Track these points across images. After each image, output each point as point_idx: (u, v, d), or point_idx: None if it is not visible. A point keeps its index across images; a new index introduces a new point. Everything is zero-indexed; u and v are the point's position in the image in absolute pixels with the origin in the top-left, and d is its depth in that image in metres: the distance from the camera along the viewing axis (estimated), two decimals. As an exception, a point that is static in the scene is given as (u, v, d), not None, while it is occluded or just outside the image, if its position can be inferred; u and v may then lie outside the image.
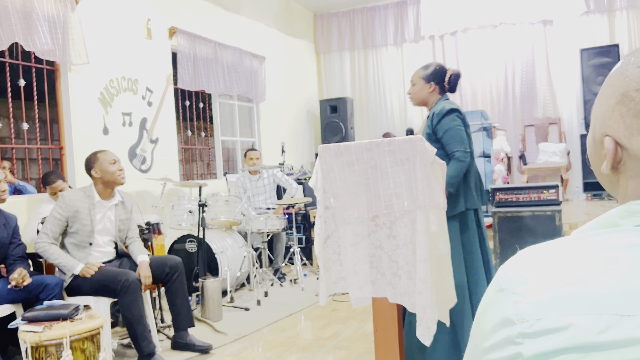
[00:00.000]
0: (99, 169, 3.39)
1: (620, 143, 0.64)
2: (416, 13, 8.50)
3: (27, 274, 2.99)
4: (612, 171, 0.66)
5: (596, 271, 0.55)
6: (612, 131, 0.64)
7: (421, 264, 1.97)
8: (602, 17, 7.48)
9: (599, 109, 0.68)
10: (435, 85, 2.95)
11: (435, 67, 2.98)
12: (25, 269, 3.05)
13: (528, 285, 0.56)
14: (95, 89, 4.89)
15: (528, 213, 4.87)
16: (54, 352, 2.54)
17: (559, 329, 0.52)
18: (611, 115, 0.65)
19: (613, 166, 0.65)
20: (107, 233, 3.48)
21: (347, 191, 2.12)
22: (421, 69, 3.01)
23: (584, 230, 0.64)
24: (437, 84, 2.95)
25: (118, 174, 3.41)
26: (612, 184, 0.68)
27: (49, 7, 4.33)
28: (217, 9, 6.69)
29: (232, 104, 7.19)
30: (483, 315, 0.61)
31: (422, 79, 2.97)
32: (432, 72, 2.96)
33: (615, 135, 0.64)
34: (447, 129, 2.79)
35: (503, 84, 8.06)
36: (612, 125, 0.64)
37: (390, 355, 2.19)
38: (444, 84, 2.96)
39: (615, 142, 0.64)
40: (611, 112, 0.65)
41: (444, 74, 2.96)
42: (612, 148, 0.64)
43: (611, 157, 0.65)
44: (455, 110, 2.82)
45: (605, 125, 0.66)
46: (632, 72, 0.63)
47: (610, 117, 0.65)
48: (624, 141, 0.63)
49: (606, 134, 0.65)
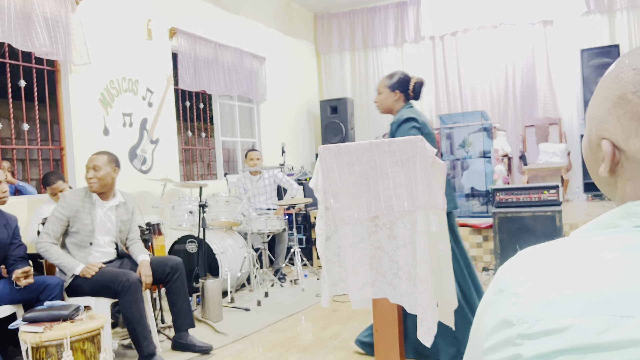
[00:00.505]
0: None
1: (618, 146, 0.64)
2: (416, 13, 8.50)
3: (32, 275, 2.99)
4: (609, 174, 0.66)
5: (595, 272, 0.55)
6: (609, 134, 0.64)
7: (421, 264, 1.97)
8: (603, 17, 7.48)
9: (594, 112, 0.67)
10: (400, 94, 3.07)
11: (400, 75, 3.09)
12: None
13: (527, 287, 0.56)
14: (96, 89, 4.89)
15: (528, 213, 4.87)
16: (55, 353, 2.54)
17: (558, 330, 0.52)
18: (608, 118, 0.64)
19: (611, 169, 0.65)
20: (107, 233, 3.48)
21: (347, 192, 2.12)
22: (386, 78, 3.11)
23: (583, 231, 0.64)
24: (401, 92, 3.07)
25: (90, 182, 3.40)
26: (609, 187, 0.68)
27: (49, 7, 4.34)
28: (217, 9, 6.69)
29: (232, 105, 7.20)
30: (482, 316, 0.61)
31: (388, 87, 3.09)
32: (397, 80, 3.07)
33: (612, 138, 0.64)
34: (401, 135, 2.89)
35: (503, 85, 8.06)
36: (609, 128, 0.64)
37: (391, 355, 2.19)
38: (408, 92, 3.08)
39: (613, 145, 0.64)
40: (608, 114, 0.64)
41: (408, 82, 3.07)
42: (610, 151, 0.64)
43: (609, 160, 0.64)
44: (413, 119, 2.93)
45: (602, 128, 0.65)
46: (627, 74, 0.63)
47: (607, 120, 0.65)
48: (621, 144, 0.63)
49: (603, 137, 0.65)
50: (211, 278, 4.36)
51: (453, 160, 6.72)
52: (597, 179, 0.70)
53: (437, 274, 2.11)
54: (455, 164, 6.75)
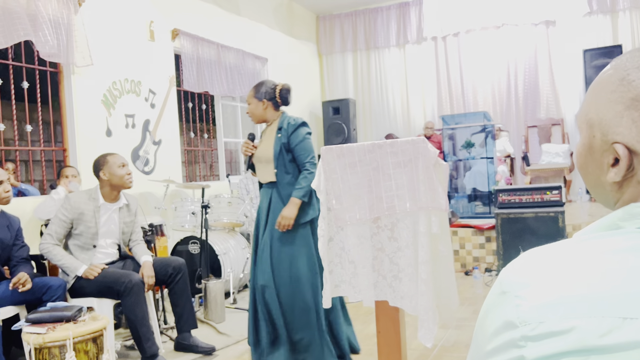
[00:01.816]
0: (108, 172, 3.39)
1: (633, 149, 0.62)
2: (418, 14, 8.50)
3: (29, 279, 2.98)
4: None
5: (598, 274, 0.55)
6: (622, 137, 0.63)
7: (423, 265, 1.97)
8: (605, 17, 7.47)
9: (599, 117, 0.65)
10: (268, 102, 3.17)
11: (264, 85, 3.20)
12: (28, 272, 3.05)
13: (530, 289, 0.56)
14: (99, 91, 4.90)
15: (531, 214, 4.86)
16: (58, 354, 2.54)
17: (561, 332, 0.52)
18: (620, 122, 0.63)
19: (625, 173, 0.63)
20: (110, 235, 3.49)
21: (349, 193, 2.12)
22: (253, 89, 3.22)
23: (586, 232, 0.64)
24: (269, 101, 3.17)
25: (126, 178, 3.42)
26: (611, 192, 0.66)
27: (52, 9, 4.35)
28: (220, 10, 6.70)
29: (234, 106, 7.21)
30: (485, 318, 0.61)
31: (255, 98, 3.19)
32: (263, 90, 3.18)
33: (626, 141, 0.62)
34: (300, 140, 3.05)
35: (506, 85, 8.05)
36: (623, 131, 0.62)
37: (393, 357, 2.19)
38: (276, 99, 3.18)
39: (628, 149, 0.62)
40: (620, 118, 0.63)
41: (274, 90, 3.18)
42: (627, 155, 0.62)
43: (626, 165, 0.63)
44: (307, 124, 3.14)
45: (612, 132, 0.64)
46: (636, 75, 0.62)
47: (620, 124, 0.63)
48: (637, 147, 0.62)
49: (614, 141, 0.63)
50: (214, 279, 4.36)
51: (455, 161, 6.71)
52: (595, 184, 0.69)
53: (438, 275, 2.11)
54: (458, 165, 6.75)
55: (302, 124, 3.10)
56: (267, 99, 3.15)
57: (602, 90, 0.66)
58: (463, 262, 5.57)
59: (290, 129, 3.07)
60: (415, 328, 3.59)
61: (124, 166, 3.44)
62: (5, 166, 4.80)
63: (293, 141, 3.05)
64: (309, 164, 3.02)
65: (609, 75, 0.66)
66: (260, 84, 3.21)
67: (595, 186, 0.69)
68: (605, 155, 0.65)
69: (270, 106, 3.17)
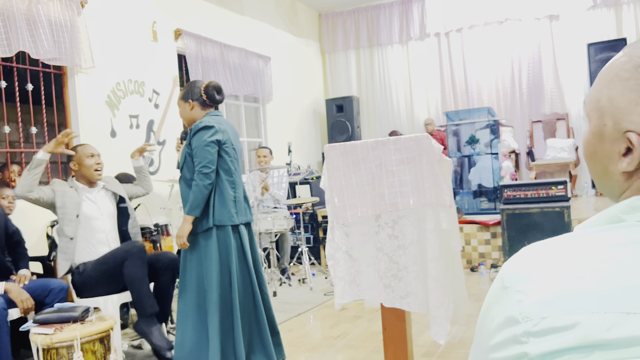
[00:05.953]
0: (77, 162, 3.34)
1: None
2: (421, 10, 8.48)
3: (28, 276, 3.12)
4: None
5: (600, 268, 0.54)
6: (635, 126, 0.61)
7: (433, 262, 1.96)
8: (609, 11, 7.42)
9: (611, 105, 0.64)
10: (194, 102, 3.03)
11: (192, 85, 3.06)
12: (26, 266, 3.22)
13: (532, 284, 0.56)
14: (103, 92, 4.92)
15: (537, 209, 4.85)
16: (65, 354, 2.55)
17: (564, 327, 0.52)
18: (634, 110, 0.61)
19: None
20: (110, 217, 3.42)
21: (351, 190, 2.12)
22: (180, 91, 3.11)
23: (587, 226, 0.63)
24: (194, 101, 3.02)
25: (95, 168, 3.34)
26: (619, 182, 0.65)
27: (55, 11, 4.36)
28: (222, 10, 6.70)
29: (238, 105, 7.21)
30: (487, 313, 0.60)
31: (181, 99, 3.08)
32: (187, 91, 3.05)
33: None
34: (196, 145, 2.87)
35: (510, 80, 8.03)
36: (637, 119, 0.61)
37: (399, 354, 2.19)
38: (202, 98, 3.01)
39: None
40: (634, 106, 0.62)
41: (199, 89, 3.02)
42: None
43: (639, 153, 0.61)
44: (210, 127, 2.88)
45: (625, 120, 0.62)
46: None
47: (634, 112, 0.62)
48: None
49: (628, 130, 0.62)
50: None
51: (460, 157, 6.70)
52: (603, 173, 0.67)
53: (451, 271, 2.10)
54: (463, 161, 6.73)
55: (202, 128, 2.88)
56: (192, 99, 3.02)
57: (615, 78, 0.64)
58: (469, 259, 5.56)
59: (193, 131, 2.91)
60: (422, 324, 3.60)
61: (93, 156, 3.36)
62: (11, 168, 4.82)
63: (192, 147, 2.89)
64: (198, 173, 2.83)
65: (622, 63, 0.64)
66: (188, 85, 3.09)
67: (603, 176, 0.68)
68: (617, 144, 0.64)
69: (197, 106, 3.02)
